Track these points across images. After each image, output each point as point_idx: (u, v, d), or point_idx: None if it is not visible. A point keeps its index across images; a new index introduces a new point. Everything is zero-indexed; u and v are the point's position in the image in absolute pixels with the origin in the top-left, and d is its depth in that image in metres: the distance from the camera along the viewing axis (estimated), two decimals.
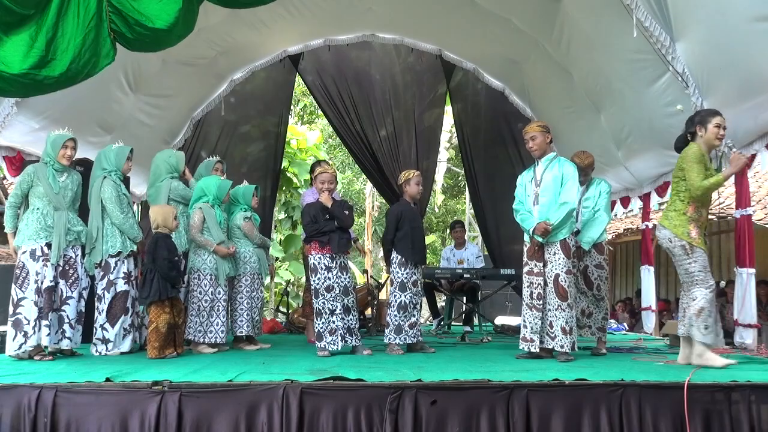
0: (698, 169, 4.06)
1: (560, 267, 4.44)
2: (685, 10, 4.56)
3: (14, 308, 4.37)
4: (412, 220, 5.08)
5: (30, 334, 4.33)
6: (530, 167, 4.76)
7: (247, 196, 5.51)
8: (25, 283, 4.40)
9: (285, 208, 13.06)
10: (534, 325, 4.49)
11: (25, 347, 4.32)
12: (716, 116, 4.15)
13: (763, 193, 9.52)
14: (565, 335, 4.39)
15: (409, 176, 5.17)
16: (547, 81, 7.04)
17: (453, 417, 3.10)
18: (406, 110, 8.30)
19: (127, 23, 3.81)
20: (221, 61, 7.18)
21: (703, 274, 4.10)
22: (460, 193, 18.05)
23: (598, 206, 5.11)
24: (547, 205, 4.52)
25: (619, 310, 10.31)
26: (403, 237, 5.03)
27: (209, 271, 5.00)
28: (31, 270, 4.41)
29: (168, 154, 5.46)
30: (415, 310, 5.01)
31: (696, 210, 4.14)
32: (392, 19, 7.24)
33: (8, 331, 4.36)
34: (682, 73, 4.84)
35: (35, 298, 4.38)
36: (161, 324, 4.52)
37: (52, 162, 4.57)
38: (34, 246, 4.44)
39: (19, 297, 4.39)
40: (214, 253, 5.01)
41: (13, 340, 4.33)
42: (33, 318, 4.35)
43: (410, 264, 5.00)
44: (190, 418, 3.06)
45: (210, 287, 5.00)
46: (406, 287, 4.99)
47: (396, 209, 5.22)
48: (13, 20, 3.50)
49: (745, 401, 3.19)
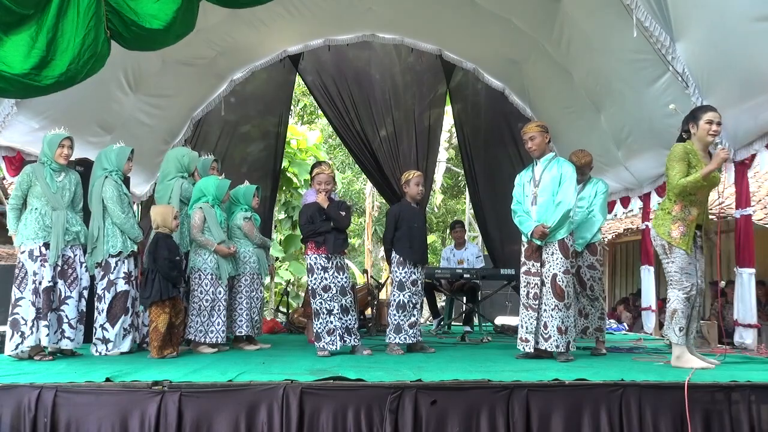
0: (679, 168, 4.04)
1: (558, 267, 4.43)
2: (685, 10, 4.56)
3: (12, 308, 4.38)
4: (411, 219, 5.08)
5: (27, 334, 4.33)
6: (528, 167, 4.76)
7: (248, 196, 5.51)
8: (24, 283, 4.40)
9: (285, 208, 13.06)
10: (530, 325, 4.49)
11: (22, 347, 4.32)
12: (707, 112, 4.10)
13: (763, 193, 9.51)
14: (561, 335, 4.38)
15: (409, 177, 5.18)
16: (547, 81, 7.04)
17: (453, 417, 3.10)
18: (406, 110, 8.30)
19: (124, 23, 3.81)
20: (221, 61, 7.18)
21: (678, 276, 4.07)
22: (460, 193, 18.04)
23: (592, 206, 5.08)
24: (545, 205, 4.51)
25: (620, 311, 10.31)
26: (401, 237, 5.04)
27: (210, 270, 4.99)
28: (29, 270, 4.41)
29: (182, 153, 5.45)
30: (415, 309, 5.01)
31: (683, 209, 4.09)
32: (392, 19, 7.24)
33: (6, 331, 4.37)
34: (682, 73, 4.85)
35: (33, 299, 4.37)
36: (161, 324, 4.52)
37: (50, 162, 4.56)
38: (32, 246, 4.44)
39: (17, 297, 4.39)
40: (215, 252, 5.00)
41: (10, 340, 4.32)
42: (30, 318, 4.35)
43: (409, 263, 5.01)
44: (190, 418, 3.06)
45: (211, 287, 5.00)
46: (405, 287, 4.99)
47: (395, 209, 5.24)
48: (13, 20, 3.50)
49: (745, 401, 3.19)
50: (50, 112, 5.26)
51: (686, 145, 4.11)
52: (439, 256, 9.34)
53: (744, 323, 5.20)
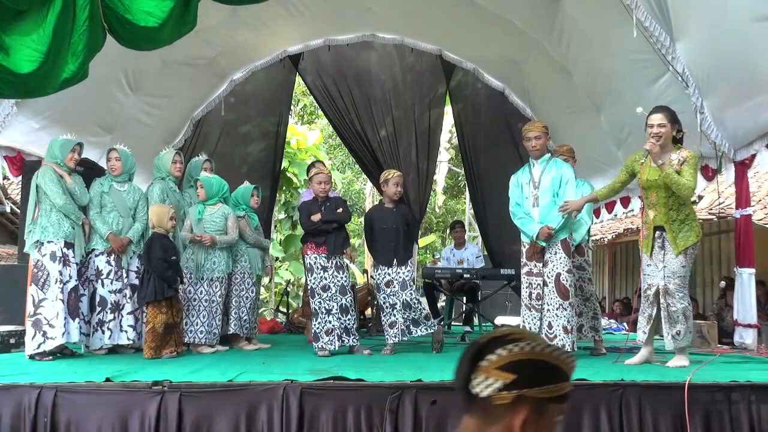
0: (618, 175, 4.38)
1: (561, 266, 4.44)
2: (685, 10, 4.56)
3: (35, 309, 4.41)
4: (381, 221, 5.09)
5: (53, 334, 4.38)
6: (524, 168, 4.75)
7: (246, 196, 5.53)
8: (47, 284, 4.44)
9: (285, 208, 13.05)
10: (533, 325, 4.49)
11: (44, 347, 4.37)
12: (648, 116, 4.15)
13: (763, 193, 9.51)
14: (567, 334, 4.39)
15: (387, 176, 5.14)
16: (547, 81, 7.04)
17: (453, 417, 3.10)
18: (406, 110, 8.29)
19: (119, 21, 3.80)
20: (221, 61, 7.18)
21: (642, 277, 4.22)
22: (460, 193, 18.03)
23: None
24: (547, 207, 4.52)
25: (616, 307, 10.33)
26: (373, 240, 5.09)
27: (189, 269, 5.02)
28: (52, 270, 4.46)
29: (159, 155, 5.44)
30: (394, 309, 4.94)
31: (644, 213, 4.26)
32: (392, 19, 7.23)
33: (27, 331, 4.40)
34: (682, 73, 4.84)
35: (62, 298, 4.44)
36: (158, 324, 4.52)
37: (61, 164, 4.64)
38: (54, 247, 4.49)
39: (40, 298, 4.42)
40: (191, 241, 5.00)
41: (32, 340, 4.37)
42: (56, 317, 4.40)
43: (381, 265, 5.00)
44: (190, 418, 3.06)
45: (195, 286, 5.02)
46: (380, 288, 5.00)
47: (367, 214, 5.32)
48: (7, 16, 3.47)
49: (745, 401, 3.19)
50: (50, 112, 5.26)
51: (636, 153, 4.28)
52: (439, 255, 9.34)
53: (744, 323, 5.20)
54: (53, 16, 3.54)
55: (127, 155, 5.03)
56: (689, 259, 4.10)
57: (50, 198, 4.52)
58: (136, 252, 4.96)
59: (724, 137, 5.17)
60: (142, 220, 5.01)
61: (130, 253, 4.93)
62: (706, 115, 4.98)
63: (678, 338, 4.06)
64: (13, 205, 11.75)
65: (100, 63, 4.04)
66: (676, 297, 4.06)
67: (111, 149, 5.04)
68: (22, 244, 5.10)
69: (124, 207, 4.95)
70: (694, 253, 4.15)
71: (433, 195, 15.53)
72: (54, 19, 3.54)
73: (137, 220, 5.00)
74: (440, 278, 7.08)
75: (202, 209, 5.10)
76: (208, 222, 5.08)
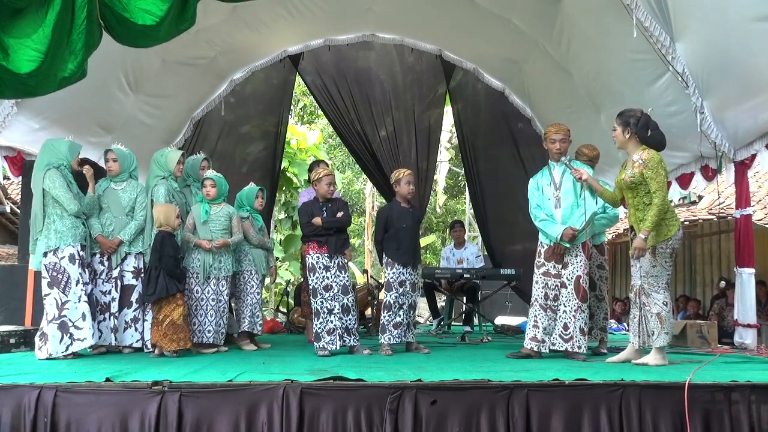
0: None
1: (582, 269, 4.49)
2: (685, 10, 4.56)
3: (59, 311, 4.44)
4: (400, 220, 5.03)
5: (83, 336, 4.45)
6: (543, 170, 4.76)
7: (250, 198, 5.55)
8: (68, 286, 4.48)
9: (285, 208, 13.05)
10: (548, 326, 4.52)
11: (72, 349, 4.43)
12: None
13: (763, 193, 9.52)
14: (583, 336, 4.45)
15: (399, 176, 5.10)
16: (547, 81, 7.04)
17: (453, 417, 3.10)
18: (406, 110, 8.29)
19: (116, 18, 3.79)
20: (221, 61, 7.18)
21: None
22: (460, 193, 18.04)
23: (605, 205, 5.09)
24: (570, 208, 4.56)
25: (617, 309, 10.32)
26: (390, 238, 5.03)
27: (195, 269, 5.00)
28: (73, 273, 4.50)
29: (159, 153, 5.30)
30: (401, 310, 4.95)
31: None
32: (392, 19, 7.24)
33: (51, 334, 4.41)
34: (682, 73, 4.85)
35: (84, 299, 4.51)
36: (177, 317, 4.59)
37: (67, 166, 4.65)
38: (72, 250, 4.52)
39: (63, 300, 4.45)
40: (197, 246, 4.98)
41: (60, 343, 4.41)
42: (81, 319, 4.46)
43: (397, 264, 4.98)
44: (190, 418, 3.06)
45: (202, 286, 5.01)
46: (392, 287, 4.98)
47: (384, 210, 5.23)
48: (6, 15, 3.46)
49: (745, 401, 3.19)
50: (50, 112, 5.26)
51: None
52: (439, 256, 9.34)
53: (744, 323, 5.20)
54: (53, 16, 3.54)
55: (125, 155, 4.99)
56: (660, 258, 4.04)
57: (64, 204, 4.51)
58: (131, 252, 4.91)
59: (724, 137, 5.17)
60: (139, 219, 4.93)
61: (122, 253, 4.86)
62: (706, 115, 4.99)
63: (652, 338, 4.07)
64: (13, 205, 11.76)
65: (100, 63, 4.04)
66: (651, 297, 4.06)
67: (107, 150, 4.99)
68: (23, 244, 5.11)
69: (118, 207, 4.90)
70: (666, 252, 4.06)
71: (433, 195, 15.53)
72: (54, 18, 3.53)
73: (134, 218, 4.92)
74: (440, 278, 7.08)
75: (208, 209, 5.08)
76: (213, 222, 5.07)
